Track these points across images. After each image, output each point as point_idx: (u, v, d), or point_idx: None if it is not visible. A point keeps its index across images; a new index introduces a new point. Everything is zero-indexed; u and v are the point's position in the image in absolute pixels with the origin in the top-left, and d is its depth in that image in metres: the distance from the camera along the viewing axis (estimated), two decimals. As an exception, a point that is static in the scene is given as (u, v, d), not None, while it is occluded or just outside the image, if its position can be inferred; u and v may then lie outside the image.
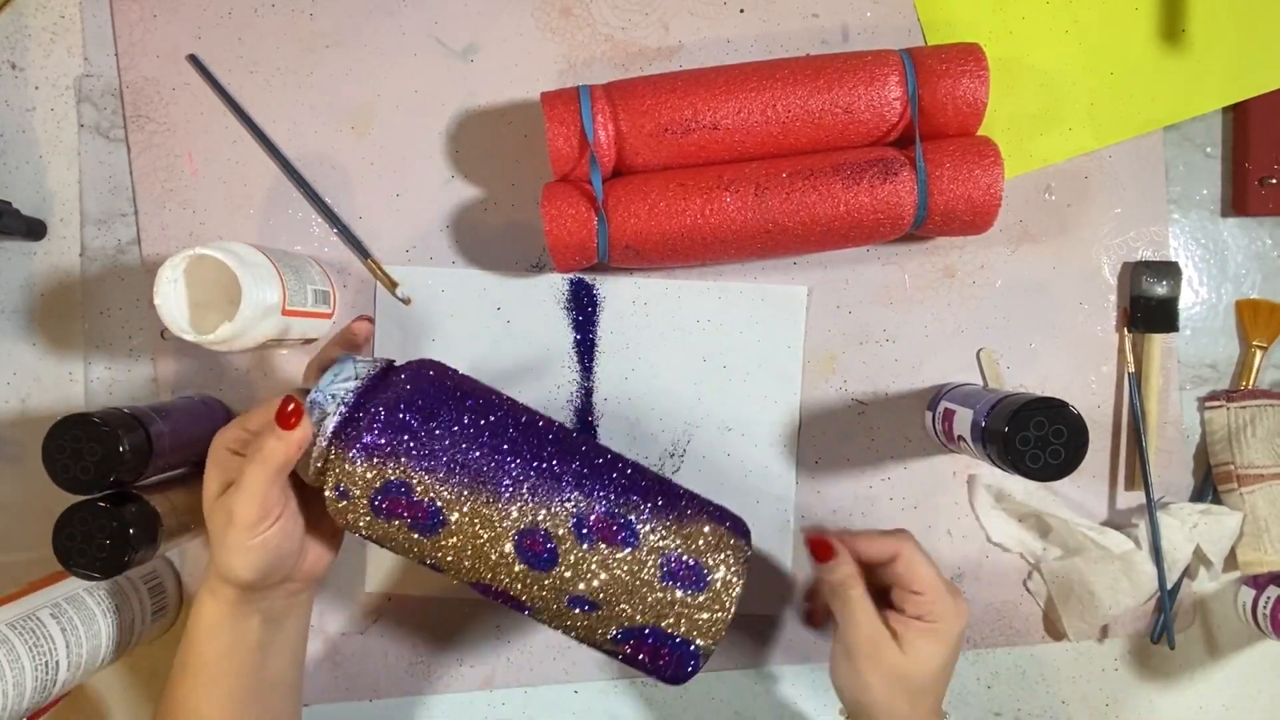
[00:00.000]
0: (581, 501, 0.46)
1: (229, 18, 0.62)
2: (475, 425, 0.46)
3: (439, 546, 0.46)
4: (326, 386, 0.46)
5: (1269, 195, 0.61)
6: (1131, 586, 0.60)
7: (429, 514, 0.45)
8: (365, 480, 0.44)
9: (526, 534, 0.45)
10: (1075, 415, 0.50)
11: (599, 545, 0.45)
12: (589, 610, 0.46)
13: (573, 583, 0.45)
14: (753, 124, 0.55)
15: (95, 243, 0.62)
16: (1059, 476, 0.50)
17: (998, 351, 0.62)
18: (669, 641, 0.46)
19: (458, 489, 0.45)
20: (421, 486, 0.44)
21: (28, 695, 0.50)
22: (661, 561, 0.46)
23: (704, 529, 0.47)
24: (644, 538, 0.46)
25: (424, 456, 0.44)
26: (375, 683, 0.63)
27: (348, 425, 0.45)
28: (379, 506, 0.45)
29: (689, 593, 0.46)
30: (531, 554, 0.45)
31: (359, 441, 0.44)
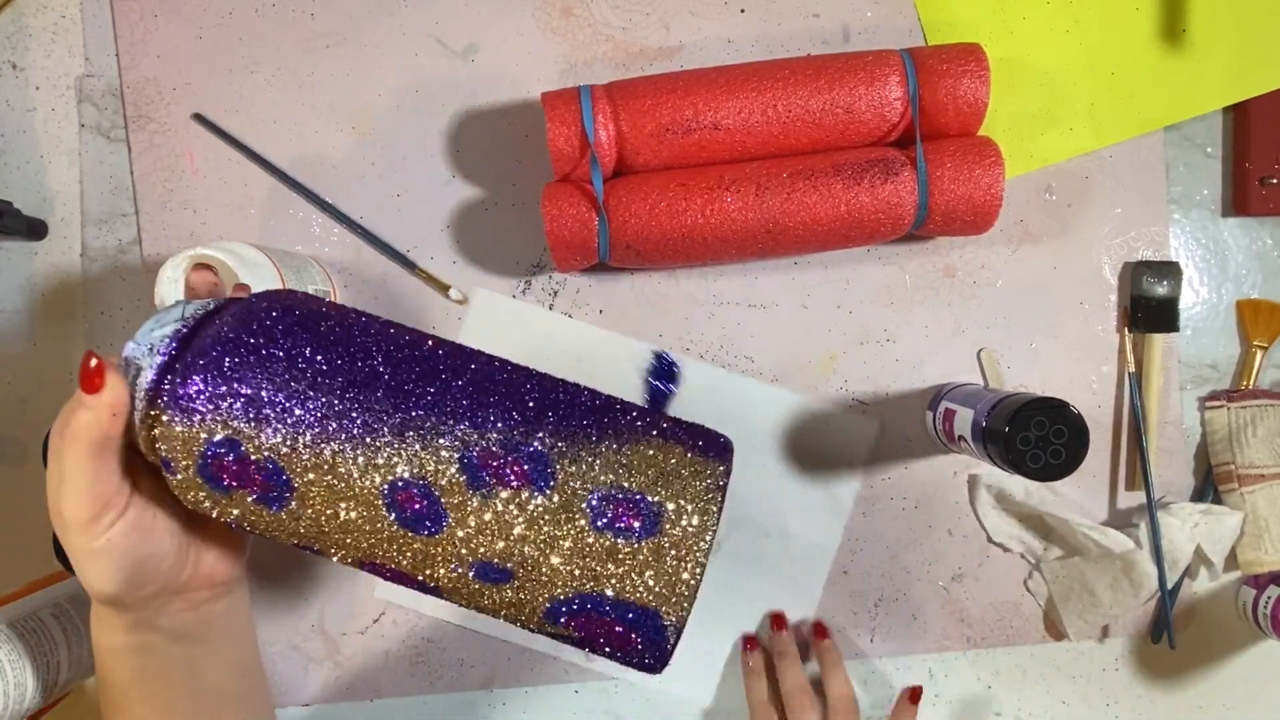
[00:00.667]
0: (470, 433, 0.34)
1: (229, 18, 0.62)
2: (320, 356, 0.35)
3: (297, 519, 0.35)
4: (144, 335, 0.36)
5: (1269, 195, 0.61)
6: (1132, 586, 0.60)
7: (269, 477, 0.35)
8: (186, 443, 0.34)
9: (398, 488, 0.34)
10: (1076, 415, 0.50)
11: (496, 490, 0.34)
12: (502, 581, 0.35)
13: (472, 546, 0.34)
14: (753, 124, 0.55)
15: (96, 243, 0.62)
16: (1060, 476, 0.50)
17: (998, 352, 0.62)
18: (621, 612, 0.34)
19: (300, 444, 0.34)
20: (252, 443, 0.34)
21: (29, 695, 0.50)
22: (591, 502, 0.34)
23: (653, 452, 0.35)
24: (559, 471, 0.34)
25: (250, 403, 0.34)
26: (375, 683, 0.63)
27: (161, 380, 0.35)
28: (210, 475, 0.35)
29: (635, 540, 0.34)
30: (410, 513, 0.34)
31: (171, 399, 0.34)
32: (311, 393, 0.35)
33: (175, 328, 0.36)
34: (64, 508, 0.35)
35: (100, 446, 0.35)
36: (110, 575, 0.37)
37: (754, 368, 0.62)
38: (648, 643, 0.35)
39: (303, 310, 0.37)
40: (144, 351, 0.36)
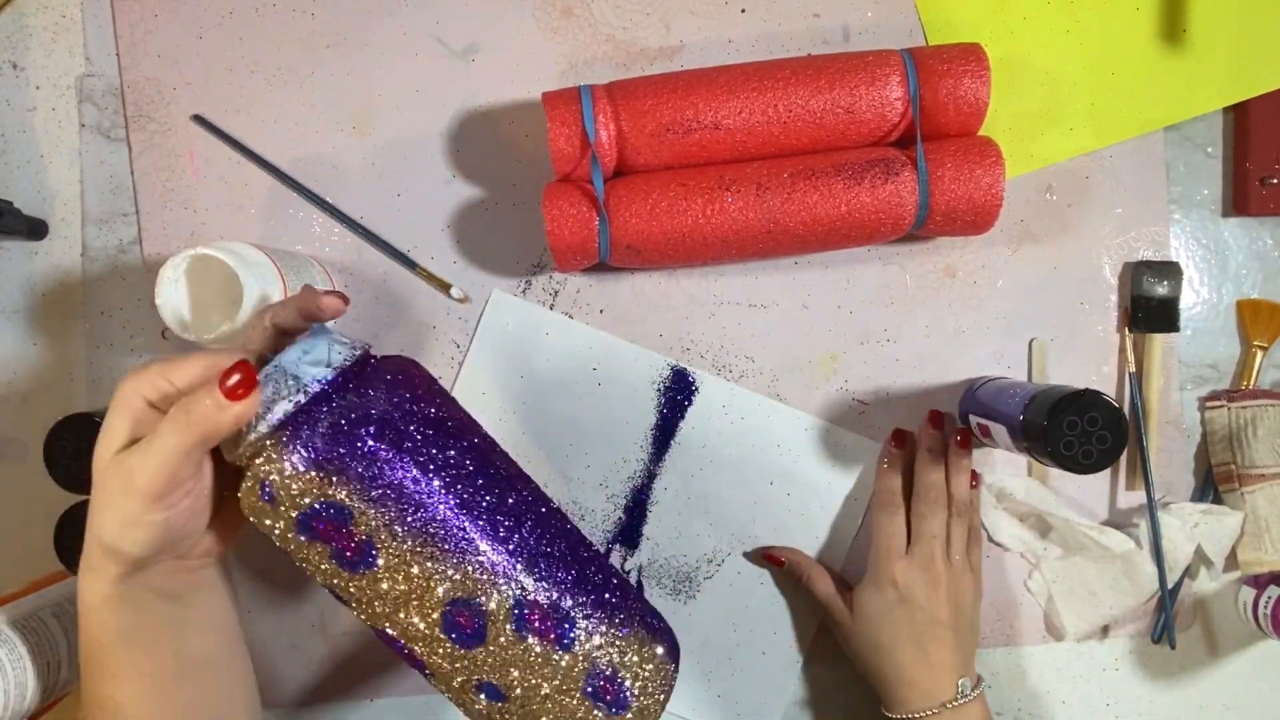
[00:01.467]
0: (530, 585, 0.40)
1: (229, 18, 0.62)
2: (444, 468, 0.39)
3: (356, 584, 0.39)
4: (292, 362, 0.38)
5: (1269, 195, 0.61)
6: (1132, 586, 0.60)
7: (359, 550, 0.38)
8: (301, 490, 0.38)
9: (461, 604, 0.39)
10: (1113, 406, 0.50)
11: (531, 640, 0.40)
12: (495, 700, 0.41)
13: (491, 670, 0.40)
14: (754, 124, 0.55)
15: (96, 242, 0.62)
16: (1100, 468, 0.50)
17: (1046, 342, 0.62)
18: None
19: (403, 534, 0.38)
20: (364, 520, 0.38)
21: (29, 695, 0.50)
22: (590, 673, 0.41)
23: (639, 646, 0.43)
24: (580, 643, 0.41)
25: (379, 487, 0.38)
26: (375, 683, 0.63)
27: (302, 418, 0.38)
28: (306, 524, 0.38)
29: (606, 713, 0.41)
30: (457, 627, 0.39)
31: (311, 445, 0.37)
32: (430, 495, 0.38)
33: (327, 372, 0.39)
34: (140, 478, 0.37)
35: (206, 442, 0.37)
36: (148, 543, 0.38)
37: (754, 368, 0.62)
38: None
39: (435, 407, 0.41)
40: (287, 378, 0.38)
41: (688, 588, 0.62)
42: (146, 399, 0.39)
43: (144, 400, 0.39)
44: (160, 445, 0.36)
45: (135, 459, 0.37)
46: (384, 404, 0.39)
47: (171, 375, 0.39)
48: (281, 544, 0.40)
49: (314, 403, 0.38)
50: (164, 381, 0.39)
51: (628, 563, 0.62)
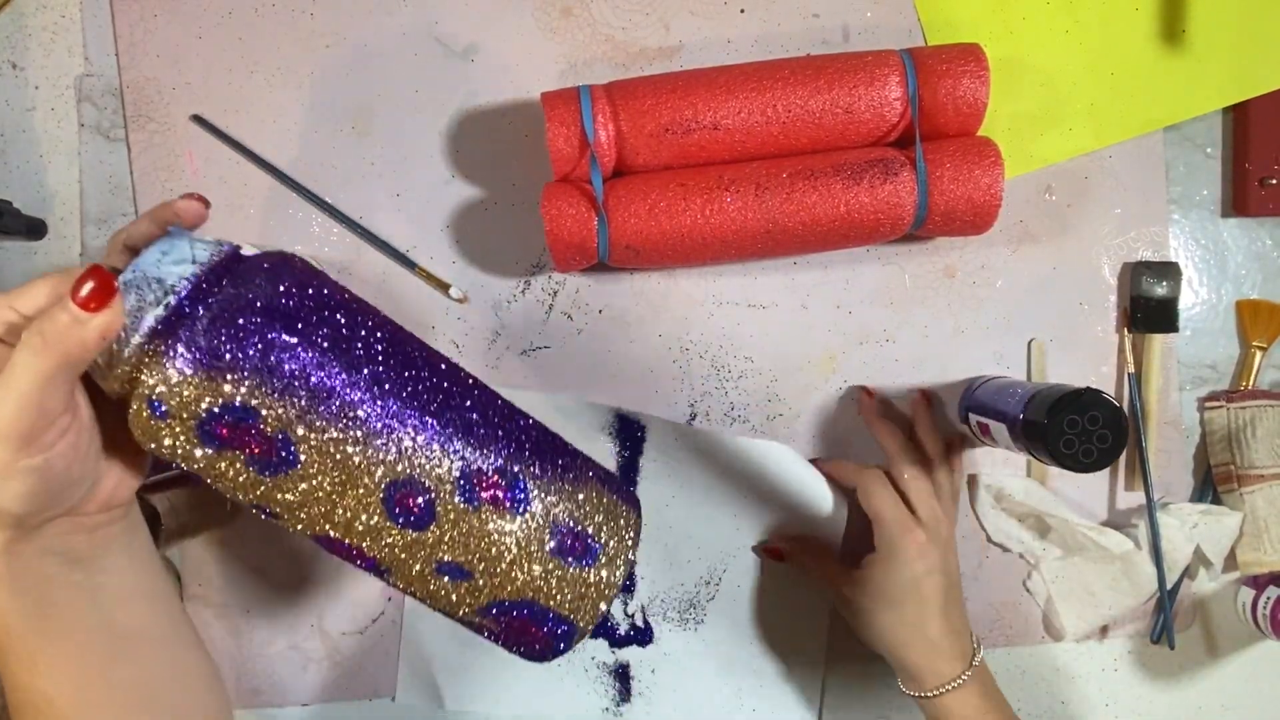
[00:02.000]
0: (470, 454, 0.37)
1: (229, 18, 0.62)
2: (353, 346, 0.36)
3: (281, 489, 0.36)
4: (152, 264, 0.34)
5: (1269, 195, 0.61)
6: (1131, 586, 0.60)
7: (276, 449, 0.35)
8: (195, 398, 0.34)
9: (401, 485, 0.36)
10: (1113, 404, 0.50)
11: (485, 508, 0.38)
12: (460, 579, 0.39)
13: (448, 548, 0.38)
14: (753, 124, 0.55)
15: (96, 242, 0.62)
16: (1101, 467, 0.50)
17: (1046, 343, 0.62)
18: (544, 618, 0.40)
19: (320, 424, 0.35)
20: (272, 415, 0.34)
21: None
22: (552, 531, 0.39)
23: (596, 497, 0.41)
24: (536, 502, 0.39)
25: (281, 377, 0.34)
26: (375, 683, 0.63)
27: (177, 321, 0.34)
28: (210, 432, 0.34)
29: (577, 568, 0.40)
30: (402, 510, 0.37)
31: (195, 346, 0.33)
32: (340, 375, 0.35)
33: (192, 270, 0.35)
34: (4, 419, 0.31)
35: (72, 365, 0.32)
36: (28, 495, 0.33)
37: (753, 368, 0.62)
38: (554, 644, 0.41)
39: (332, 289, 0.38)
40: (148, 281, 0.34)
41: (694, 614, 0.62)
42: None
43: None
44: (19, 377, 0.31)
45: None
46: (268, 290, 0.35)
47: (16, 303, 0.33)
48: (188, 464, 0.36)
49: (187, 302, 0.34)
50: (9, 311, 0.33)
51: (629, 606, 0.63)
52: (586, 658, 0.63)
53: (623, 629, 0.63)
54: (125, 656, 0.38)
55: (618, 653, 0.63)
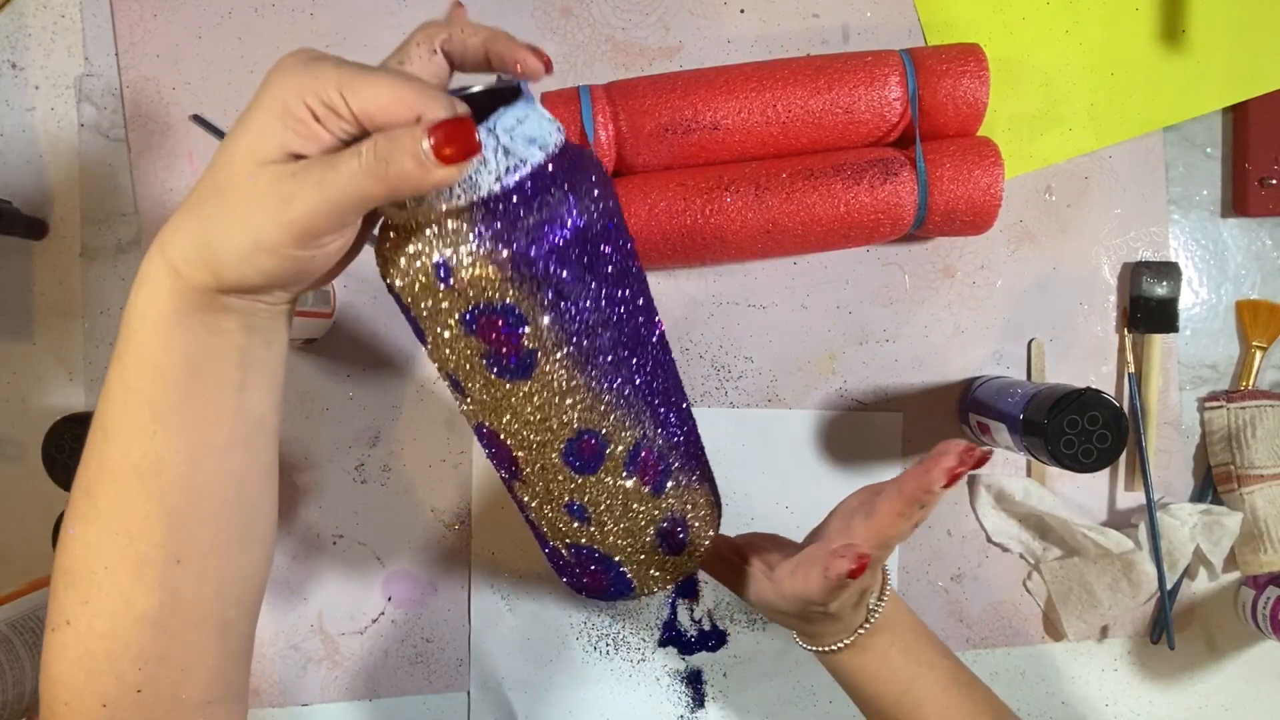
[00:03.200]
0: (650, 432, 0.40)
1: (229, 18, 0.62)
2: (622, 298, 0.36)
3: (495, 389, 0.36)
4: (507, 129, 0.31)
5: (1269, 196, 0.61)
6: (1131, 586, 0.60)
7: (520, 361, 0.35)
8: (484, 283, 0.32)
9: (589, 434, 0.38)
10: (1113, 404, 0.50)
11: (634, 478, 0.41)
12: (573, 518, 0.41)
13: (587, 495, 0.40)
14: (753, 124, 0.55)
15: (95, 242, 0.62)
16: (1101, 467, 0.50)
17: (1045, 343, 0.62)
18: (615, 571, 0.44)
19: (565, 358, 0.35)
20: (536, 332, 0.34)
21: (28, 695, 0.50)
22: (665, 518, 0.43)
23: (704, 499, 0.45)
24: (668, 490, 0.43)
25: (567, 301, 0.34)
26: (375, 683, 0.63)
27: (504, 203, 0.32)
28: (474, 320, 0.33)
29: (664, 552, 0.44)
30: (575, 455, 0.38)
31: (509, 237, 0.32)
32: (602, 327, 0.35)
33: (539, 155, 0.32)
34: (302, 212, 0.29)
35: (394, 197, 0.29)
36: (271, 274, 0.30)
37: (753, 368, 0.62)
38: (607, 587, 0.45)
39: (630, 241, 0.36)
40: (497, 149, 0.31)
41: (760, 614, 0.62)
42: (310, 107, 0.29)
43: (306, 108, 0.29)
44: (341, 187, 0.29)
45: (300, 185, 0.29)
46: (589, 210, 0.34)
47: (351, 94, 0.29)
48: (430, 324, 0.35)
49: (520, 187, 0.32)
50: (338, 97, 0.29)
51: (696, 612, 0.63)
52: (658, 666, 0.63)
53: (691, 634, 0.63)
54: (240, 442, 0.35)
55: (689, 659, 0.63)
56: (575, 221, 0.33)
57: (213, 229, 0.30)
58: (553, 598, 0.63)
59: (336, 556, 0.62)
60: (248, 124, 0.29)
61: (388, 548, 0.62)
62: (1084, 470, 0.50)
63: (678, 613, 0.63)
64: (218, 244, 0.30)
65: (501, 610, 0.63)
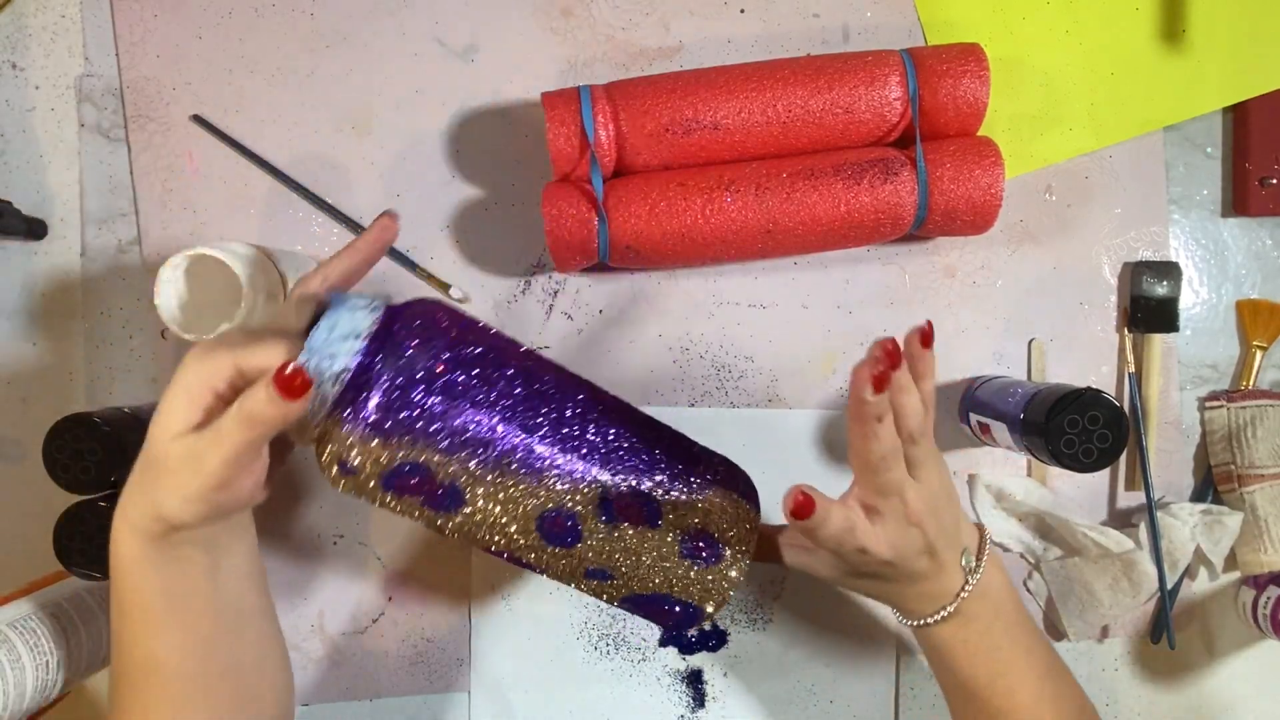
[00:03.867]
0: (608, 479, 0.42)
1: (229, 18, 0.62)
2: (498, 400, 0.41)
3: (452, 521, 0.42)
4: (322, 346, 0.38)
5: (1269, 195, 0.61)
6: (1131, 586, 0.60)
7: (448, 493, 0.41)
8: (376, 459, 0.39)
9: (550, 514, 0.42)
10: (1114, 404, 0.50)
11: (622, 525, 0.43)
12: (605, 579, 0.44)
13: (595, 559, 0.43)
14: (753, 124, 0.55)
15: (96, 242, 0.62)
16: (1101, 467, 0.50)
17: (1045, 343, 0.62)
18: (678, 605, 0.45)
19: (481, 471, 0.40)
20: (442, 469, 0.40)
21: (28, 695, 0.50)
22: (682, 539, 0.44)
23: (721, 500, 0.45)
24: (666, 515, 0.44)
25: (445, 436, 0.40)
26: (375, 683, 0.63)
27: (351, 395, 0.39)
28: (390, 484, 0.40)
29: (705, 566, 0.44)
30: (554, 533, 0.42)
31: (367, 420, 0.39)
32: (494, 429, 0.40)
33: (358, 344, 0.39)
34: (208, 467, 0.37)
35: (268, 435, 0.38)
36: (205, 516, 0.39)
37: (753, 368, 0.62)
38: (684, 622, 0.46)
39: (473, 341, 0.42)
40: (325, 360, 0.38)
41: (761, 613, 0.63)
42: (213, 386, 0.38)
43: (210, 387, 0.38)
44: (231, 439, 0.37)
45: (204, 447, 0.37)
46: (425, 357, 0.40)
47: (242, 361, 0.38)
48: (374, 502, 0.42)
49: (358, 377, 0.39)
50: (233, 369, 0.38)
51: None
52: (658, 666, 0.63)
53: (691, 634, 0.63)
54: (228, 630, 0.43)
55: (689, 659, 0.63)
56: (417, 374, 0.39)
57: (154, 494, 0.38)
58: (553, 598, 0.63)
59: (337, 556, 0.62)
60: (163, 409, 0.39)
61: (388, 548, 0.62)
62: (1084, 470, 0.50)
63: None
64: (159, 504, 0.38)
65: (501, 610, 0.63)
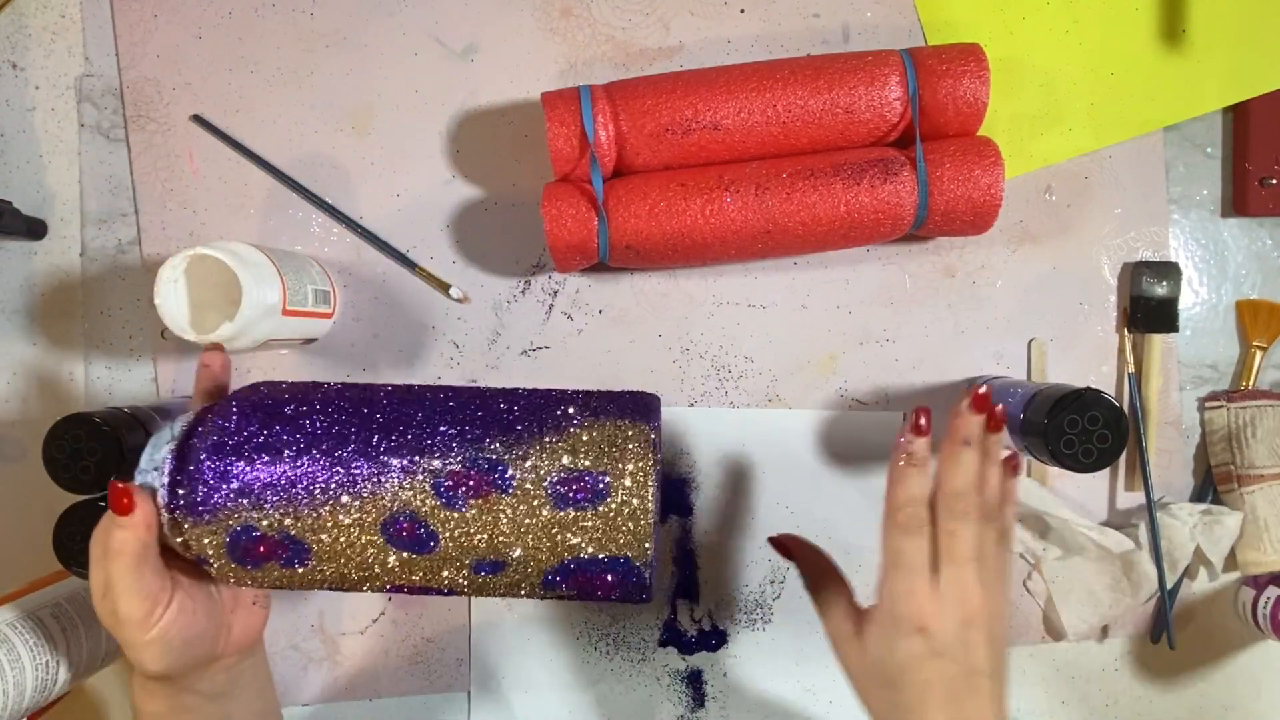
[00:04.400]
0: (432, 461, 0.40)
1: (229, 18, 0.62)
2: (295, 439, 0.42)
3: (319, 571, 0.42)
4: (146, 463, 0.42)
5: (1269, 195, 0.61)
6: (1131, 586, 0.60)
7: (287, 546, 0.41)
8: (212, 539, 0.41)
9: (389, 524, 0.40)
10: (1114, 404, 0.50)
11: (470, 503, 0.40)
12: (498, 571, 0.41)
13: (465, 552, 0.40)
14: (753, 124, 0.55)
15: (95, 242, 0.62)
16: (1101, 467, 0.50)
17: (1046, 343, 0.62)
18: (598, 567, 0.40)
19: (301, 511, 0.41)
20: (265, 523, 0.41)
21: (28, 695, 0.50)
22: (547, 489, 0.40)
23: (588, 434, 0.41)
24: (515, 472, 0.40)
25: (251, 494, 0.41)
26: (375, 683, 0.63)
27: (174, 492, 0.41)
28: (240, 559, 0.41)
29: (591, 507, 0.40)
30: (407, 541, 0.40)
31: (187, 506, 0.41)
32: (294, 469, 0.41)
33: (169, 448, 0.42)
34: (119, 610, 0.40)
35: (141, 557, 0.40)
36: (161, 658, 0.41)
37: (753, 368, 0.62)
38: (629, 583, 0.41)
39: (266, 400, 0.43)
40: (152, 474, 0.41)
41: (761, 613, 0.63)
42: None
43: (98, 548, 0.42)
44: (115, 579, 0.40)
45: (100, 600, 0.41)
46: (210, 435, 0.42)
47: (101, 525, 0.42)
48: (256, 584, 0.43)
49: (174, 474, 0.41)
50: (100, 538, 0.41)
51: (696, 612, 0.63)
52: (658, 666, 0.63)
53: (691, 634, 0.63)
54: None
55: (689, 659, 0.63)
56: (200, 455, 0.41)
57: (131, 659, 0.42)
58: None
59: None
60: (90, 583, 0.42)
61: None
62: (1084, 470, 0.50)
63: (678, 613, 0.63)
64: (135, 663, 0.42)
65: (501, 610, 0.63)
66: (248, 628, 0.47)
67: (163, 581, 0.41)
